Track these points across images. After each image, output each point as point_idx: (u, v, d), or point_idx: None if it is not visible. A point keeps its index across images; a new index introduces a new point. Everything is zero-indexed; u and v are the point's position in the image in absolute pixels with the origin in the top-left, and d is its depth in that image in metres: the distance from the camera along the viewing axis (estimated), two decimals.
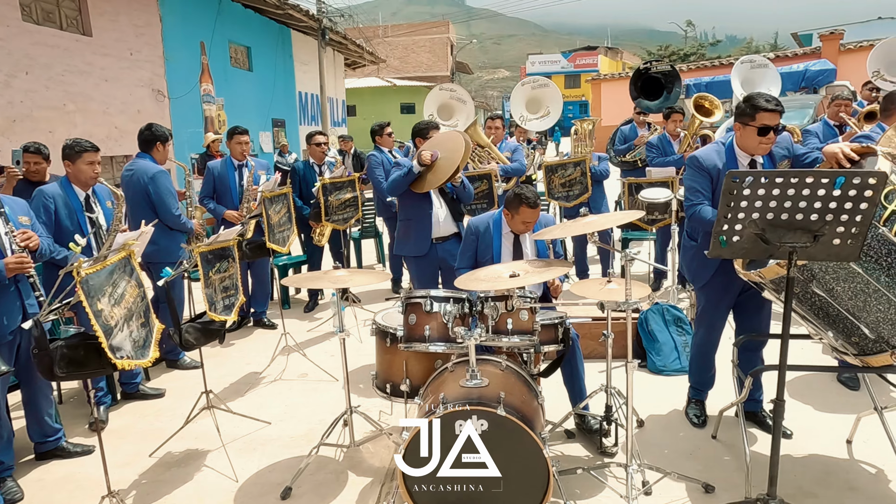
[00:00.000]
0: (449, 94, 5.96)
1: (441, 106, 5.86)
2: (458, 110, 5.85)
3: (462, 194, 4.14)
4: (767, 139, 2.81)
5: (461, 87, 6.35)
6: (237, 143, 4.95)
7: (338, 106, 18.99)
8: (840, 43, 17.17)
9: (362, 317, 5.22)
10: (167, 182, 4.15)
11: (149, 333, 2.67)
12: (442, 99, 5.94)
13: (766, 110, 2.76)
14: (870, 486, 2.72)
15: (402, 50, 39.37)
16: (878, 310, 2.28)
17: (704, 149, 3.09)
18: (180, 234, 4.20)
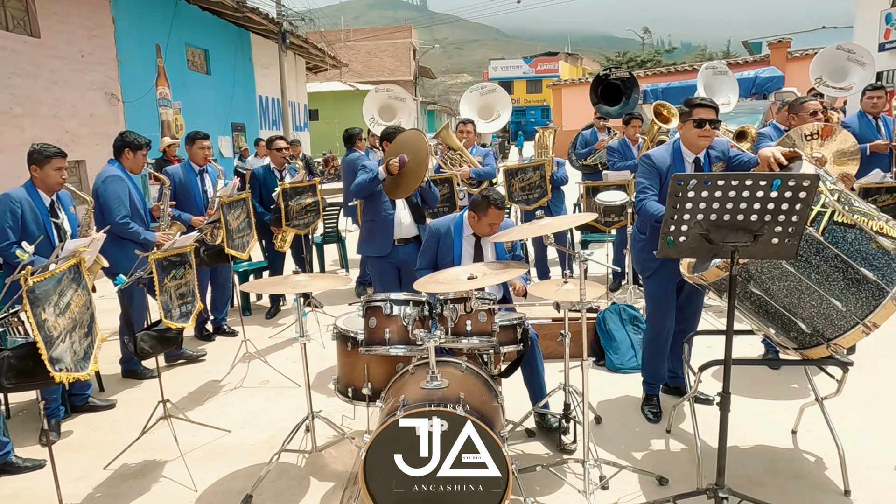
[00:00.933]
0: (387, 94, 6.00)
1: (382, 107, 5.90)
2: (399, 109, 5.90)
3: (428, 196, 4.16)
4: (704, 132, 3.06)
5: (398, 87, 6.39)
6: (199, 149, 4.86)
7: (300, 110, 18.80)
8: (787, 51, 17.91)
9: (325, 321, 5.19)
10: (116, 187, 4.06)
11: (90, 344, 2.60)
12: (381, 100, 5.98)
13: (700, 105, 3.06)
14: (814, 474, 2.86)
15: (364, 54, 39.26)
16: (811, 305, 2.41)
17: (657, 148, 3.30)
18: (132, 243, 4.09)
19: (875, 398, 3.52)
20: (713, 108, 3.08)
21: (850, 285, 2.34)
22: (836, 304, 2.35)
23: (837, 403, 3.25)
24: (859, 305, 2.34)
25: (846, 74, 7.33)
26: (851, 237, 2.34)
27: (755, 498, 2.56)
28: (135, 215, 4.14)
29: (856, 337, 2.38)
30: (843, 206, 2.36)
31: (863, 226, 2.35)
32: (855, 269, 2.32)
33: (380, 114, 5.95)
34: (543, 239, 2.76)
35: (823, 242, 2.33)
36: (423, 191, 4.11)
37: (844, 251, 2.33)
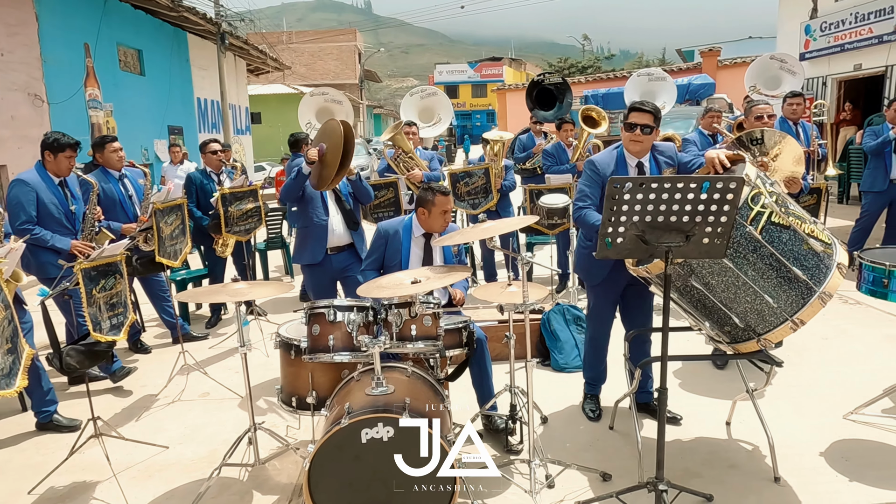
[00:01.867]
0: (323, 97, 5.93)
1: (319, 111, 5.82)
2: (337, 112, 5.83)
3: (360, 191, 4.03)
4: (634, 136, 3.08)
5: (333, 89, 6.33)
6: (111, 153, 4.58)
7: (241, 113, 18.32)
8: (718, 59, 18.78)
9: (269, 330, 5.06)
10: (18, 192, 3.84)
11: (16, 360, 2.44)
12: (317, 104, 5.90)
13: (633, 109, 3.09)
14: (747, 463, 2.99)
15: (308, 57, 38.68)
16: (746, 301, 2.53)
17: (601, 153, 3.29)
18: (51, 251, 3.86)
19: (800, 388, 3.72)
20: (648, 113, 3.06)
21: (782, 283, 2.46)
22: (768, 301, 2.47)
23: (767, 395, 3.42)
24: (789, 303, 2.46)
25: (779, 83, 7.76)
26: (786, 237, 2.46)
27: (693, 489, 2.66)
28: (49, 221, 3.89)
29: (784, 333, 2.50)
30: (780, 207, 2.48)
31: (796, 228, 2.48)
32: (787, 267, 2.44)
33: (317, 118, 5.85)
34: (487, 242, 2.78)
35: (761, 241, 2.44)
36: (354, 185, 4.00)
37: (779, 250, 2.44)
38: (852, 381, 3.73)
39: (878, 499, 2.65)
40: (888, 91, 10.13)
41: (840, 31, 11.16)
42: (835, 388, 3.67)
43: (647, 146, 3.14)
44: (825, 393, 3.63)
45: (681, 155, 3.28)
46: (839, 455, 2.99)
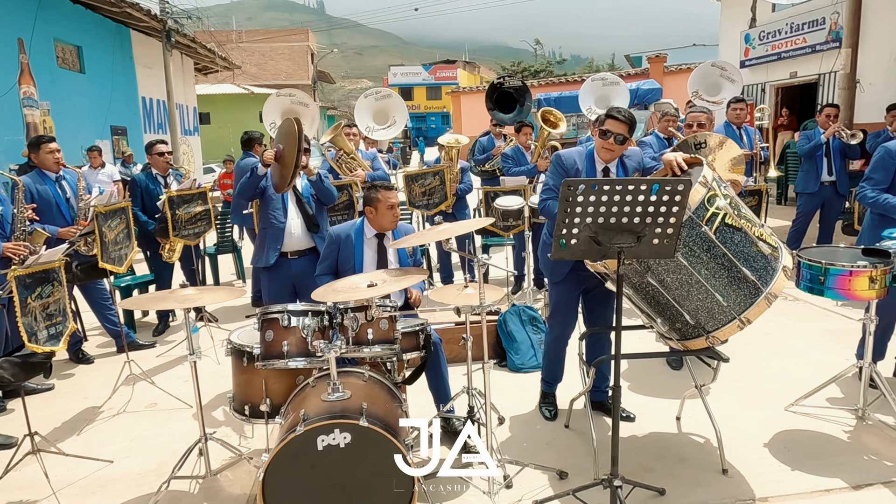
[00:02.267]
0: (289, 99, 5.82)
1: (284, 112, 5.71)
2: (303, 114, 5.73)
3: (321, 192, 3.95)
4: (607, 144, 3.09)
5: (300, 91, 6.22)
6: (46, 154, 4.35)
7: (188, 113, 17.77)
8: (664, 65, 19.40)
9: (220, 336, 4.92)
10: None
11: None
12: (283, 105, 5.79)
13: (610, 117, 3.09)
14: (697, 456, 3.08)
15: (259, 57, 37.89)
16: (698, 299, 2.60)
17: (569, 150, 3.31)
18: None
19: (745, 382, 3.87)
20: (624, 123, 3.05)
21: (732, 283, 2.55)
22: (718, 299, 2.55)
23: (714, 390, 3.54)
24: (738, 302, 2.56)
25: (719, 89, 8.09)
26: (738, 239, 2.55)
27: (646, 484, 2.72)
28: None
29: (731, 330, 2.59)
30: (733, 210, 2.57)
31: (747, 230, 2.57)
32: (738, 268, 2.53)
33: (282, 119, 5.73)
34: (443, 244, 2.78)
35: (715, 241, 2.52)
36: (316, 186, 3.94)
37: (731, 251, 2.53)
38: (793, 374, 3.90)
39: (819, 486, 2.78)
40: (821, 97, 10.69)
41: (777, 40, 11.71)
42: (777, 382, 3.83)
43: (617, 154, 3.17)
44: (768, 386, 3.78)
45: (646, 160, 3.32)
46: (782, 445, 3.12)
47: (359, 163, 5.52)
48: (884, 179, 3.53)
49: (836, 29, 10.25)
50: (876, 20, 9.47)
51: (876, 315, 3.18)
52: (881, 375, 3.26)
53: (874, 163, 3.61)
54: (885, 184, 3.54)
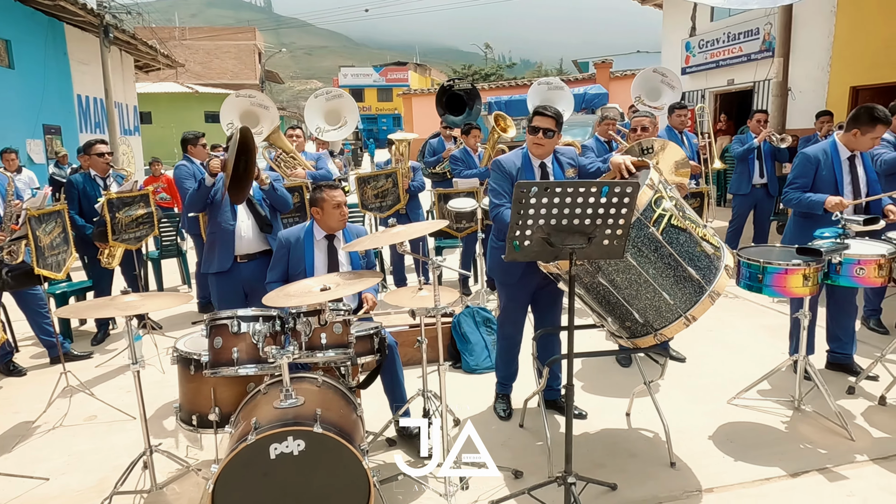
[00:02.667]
0: (249, 100, 5.67)
1: (243, 114, 5.55)
2: (262, 117, 5.60)
3: (276, 201, 3.87)
4: (536, 139, 3.18)
5: (261, 93, 6.08)
6: None
7: (128, 112, 17.07)
8: (610, 71, 19.96)
9: (164, 344, 4.74)
10: None
11: None
12: (242, 106, 5.63)
13: (537, 113, 3.18)
14: (647, 451, 3.17)
15: (203, 55, 36.82)
16: (646, 298, 2.68)
17: (507, 154, 3.37)
18: None
19: (691, 378, 4.01)
20: (550, 118, 3.16)
21: (678, 282, 2.64)
22: (666, 298, 2.63)
23: (662, 386, 3.65)
24: (684, 300, 2.65)
25: (660, 95, 8.39)
26: (683, 239, 2.64)
27: (598, 479, 2.78)
28: None
29: (678, 328, 2.68)
30: (679, 211, 2.66)
31: (692, 231, 2.67)
32: (683, 267, 2.62)
33: (240, 121, 5.55)
34: (397, 247, 2.76)
35: (661, 242, 2.60)
36: (269, 195, 3.86)
37: (677, 251, 2.62)
38: (734, 369, 4.07)
39: (759, 475, 2.91)
40: (756, 104, 11.22)
41: (715, 48, 12.22)
42: (720, 376, 3.99)
43: (549, 149, 3.25)
44: (712, 381, 3.93)
45: (580, 159, 3.43)
46: (725, 437, 3.25)
47: (299, 162, 5.43)
48: (805, 183, 3.74)
49: (769, 39, 10.78)
50: (805, 32, 10.03)
51: (809, 311, 3.36)
52: (814, 368, 3.45)
53: (795, 167, 3.81)
54: (806, 187, 3.75)
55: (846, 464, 2.97)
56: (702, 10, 12.48)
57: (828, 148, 3.75)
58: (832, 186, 3.69)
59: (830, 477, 2.87)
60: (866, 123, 3.59)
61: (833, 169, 3.70)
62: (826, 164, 3.71)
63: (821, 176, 3.70)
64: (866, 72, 9.02)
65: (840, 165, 3.71)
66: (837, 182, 3.69)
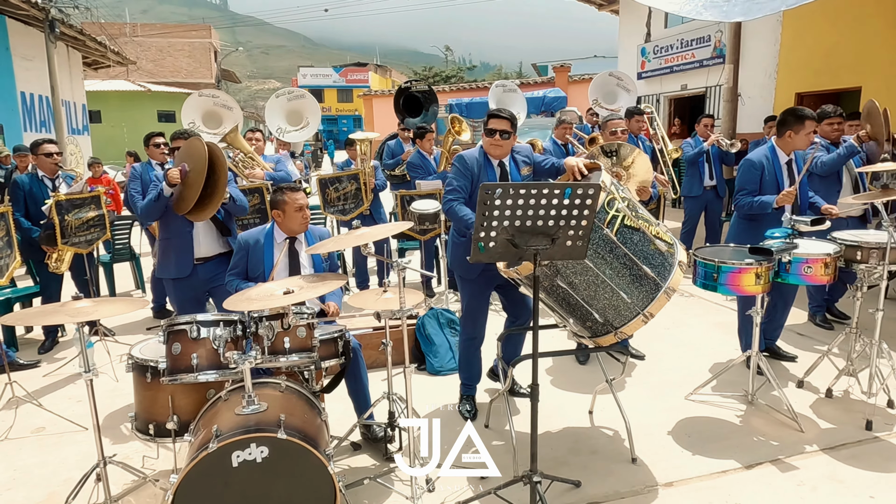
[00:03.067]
0: (212, 100, 5.54)
1: (205, 113, 5.42)
2: (225, 118, 5.48)
3: (234, 210, 3.83)
4: (494, 141, 3.26)
5: (224, 93, 5.95)
6: None
7: (76, 111, 16.42)
8: (568, 75, 20.29)
9: (118, 351, 4.57)
10: None
11: None
12: (205, 106, 5.50)
13: (492, 116, 3.27)
14: (609, 447, 3.23)
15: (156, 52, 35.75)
16: (605, 298, 2.74)
17: (470, 150, 3.41)
18: None
19: (650, 374, 4.11)
20: (505, 120, 3.25)
21: (634, 280, 2.70)
22: (623, 297, 2.69)
23: (623, 384, 3.73)
24: (641, 298, 2.71)
25: (616, 98, 8.61)
26: (637, 239, 2.70)
27: (562, 477, 2.82)
28: None
29: (637, 325, 2.74)
30: (631, 211, 2.72)
31: (645, 230, 2.73)
32: (639, 266, 2.68)
33: (203, 120, 5.40)
34: (361, 249, 2.74)
35: (616, 242, 2.65)
36: (227, 206, 3.76)
37: (631, 251, 2.68)
38: (691, 365, 4.20)
39: (716, 468, 3.00)
40: (708, 109, 11.59)
41: (669, 54, 12.57)
42: (678, 373, 4.10)
43: (506, 150, 3.33)
44: (670, 377, 4.04)
45: (535, 156, 3.50)
46: (683, 432, 3.35)
47: (257, 163, 5.34)
48: (753, 188, 3.89)
49: (720, 46, 11.16)
50: (753, 40, 10.42)
51: (761, 308, 3.48)
52: (766, 363, 3.58)
53: (741, 175, 3.96)
54: (755, 192, 3.90)
55: (796, 454, 3.09)
56: (656, 16, 12.83)
57: (767, 153, 3.92)
58: (775, 189, 3.85)
59: (782, 468, 2.99)
60: (795, 123, 3.77)
61: (774, 172, 3.87)
62: (769, 169, 3.87)
63: (765, 180, 3.87)
64: (810, 79, 9.44)
65: (780, 169, 3.89)
66: (779, 185, 3.86)
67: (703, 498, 2.77)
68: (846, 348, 3.75)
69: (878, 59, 8.22)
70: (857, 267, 3.39)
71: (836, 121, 4.85)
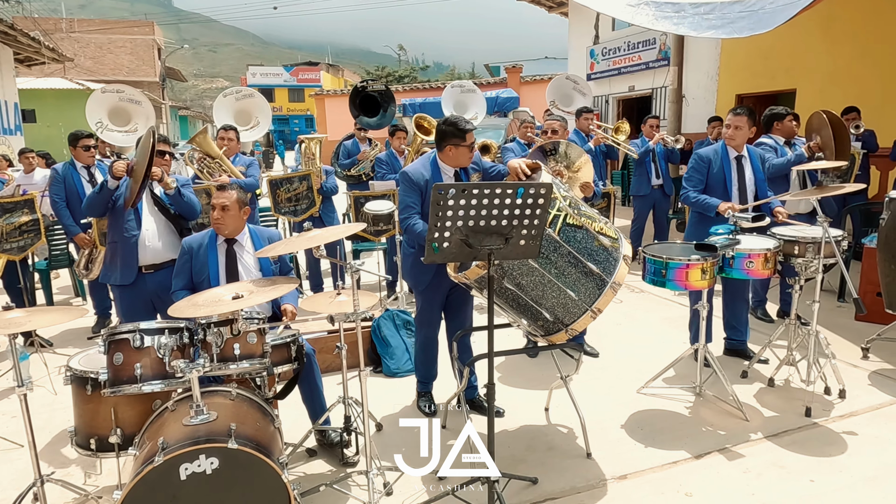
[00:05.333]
0: (117, 95, 5.29)
1: (112, 110, 5.18)
2: (135, 113, 5.25)
3: (181, 206, 3.63)
4: (470, 153, 3.24)
5: (131, 87, 5.72)
6: None
7: (8, 109, 15.57)
8: (521, 75, 20.53)
9: (56, 363, 4.34)
10: None
11: None
12: (110, 102, 5.25)
13: (470, 131, 3.20)
14: (564, 443, 3.28)
15: (95, 49, 34.28)
16: (553, 297, 2.77)
17: (413, 164, 3.36)
18: None
19: (603, 370, 4.19)
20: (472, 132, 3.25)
21: (580, 278, 2.74)
22: (570, 294, 2.73)
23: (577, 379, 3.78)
24: (588, 294, 2.75)
25: (572, 101, 8.79)
26: (580, 236, 2.74)
27: (519, 475, 2.84)
28: None
29: (586, 321, 2.79)
30: (573, 210, 2.76)
31: (588, 227, 2.78)
32: (584, 263, 2.72)
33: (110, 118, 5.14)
34: (314, 251, 2.69)
35: (559, 241, 2.68)
36: (175, 200, 3.62)
37: (575, 248, 2.71)
38: (641, 360, 4.30)
39: (667, 459, 3.08)
40: (654, 109, 11.94)
41: (617, 56, 12.89)
42: (629, 367, 4.20)
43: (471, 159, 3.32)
44: (622, 372, 4.13)
45: (483, 161, 3.49)
46: (636, 425, 3.43)
47: (226, 167, 5.16)
48: (700, 180, 4.04)
49: (665, 49, 11.51)
50: (695, 43, 10.79)
51: (707, 302, 3.60)
52: (713, 355, 3.71)
53: (690, 167, 4.12)
54: (701, 185, 4.05)
55: (742, 443, 3.21)
56: (604, 19, 13.12)
57: (718, 149, 4.07)
58: (721, 183, 3.99)
59: (729, 456, 3.10)
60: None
61: (722, 168, 4.01)
62: (717, 164, 4.01)
63: (712, 174, 4.01)
64: (749, 80, 9.85)
65: (729, 165, 4.03)
66: (726, 180, 4.00)
67: (655, 489, 2.84)
68: (786, 338, 3.92)
69: (811, 62, 8.65)
70: (795, 261, 3.54)
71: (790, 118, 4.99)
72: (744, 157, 4.07)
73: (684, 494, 2.80)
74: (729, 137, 4.00)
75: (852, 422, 3.41)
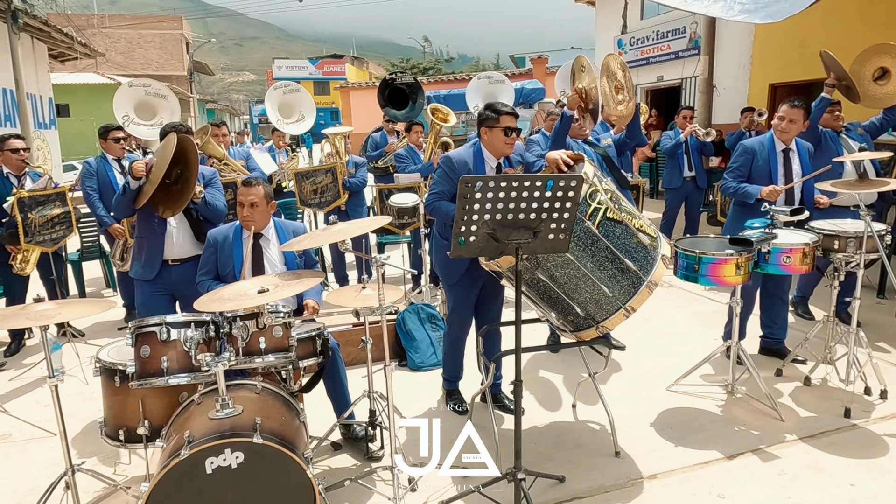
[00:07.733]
0: (144, 90, 5.35)
1: (138, 105, 5.24)
2: (160, 107, 5.31)
3: (208, 213, 3.61)
4: (511, 139, 3.15)
5: (157, 82, 5.78)
6: None
7: (43, 104, 15.92)
8: (546, 66, 20.29)
9: (88, 353, 4.42)
10: None
11: None
12: (137, 96, 5.31)
13: (507, 114, 3.11)
14: (592, 441, 3.21)
15: (125, 44, 34.91)
16: (586, 291, 2.70)
17: (458, 150, 3.28)
18: None
19: (632, 367, 4.11)
20: (516, 117, 3.16)
21: (616, 274, 2.66)
22: (605, 291, 2.66)
23: (605, 376, 3.71)
24: (622, 292, 2.68)
25: None
26: (619, 232, 2.67)
27: (546, 473, 2.79)
28: None
29: (619, 320, 2.71)
30: (614, 204, 2.68)
31: (628, 223, 2.70)
32: (621, 259, 2.65)
33: (136, 112, 5.20)
34: (339, 245, 2.66)
35: (598, 235, 2.61)
36: (201, 208, 3.58)
37: (613, 244, 2.64)
38: (672, 356, 4.20)
39: (698, 459, 3.00)
40: (684, 100, 11.67)
41: (645, 45, 12.62)
42: (659, 364, 4.10)
43: (514, 147, 3.23)
44: (651, 369, 4.04)
45: (527, 155, 3.40)
46: (666, 424, 3.34)
47: (232, 167, 5.19)
48: (742, 172, 3.92)
49: (695, 38, 11.23)
50: (727, 32, 10.50)
51: (741, 298, 3.49)
52: (746, 353, 3.60)
53: (735, 157, 4.00)
54: (743, 177, 3.92)
55: (777, 443, 3.11)
56: (632, 8, 12.86)
57: (765, 140, 3.94)
58: (766, 177, 3.86)
59: (763, 457, 3.00)
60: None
61: (768, 160, 3.88)
62: (762, 156, 3.88)
63: (756, 166, 3.88)
64: (783, 70, 9.54)
65: (775, 157, 3.89)
66: (772, 173, 3.87)
67: (686, 489, 2.77)
68: (824, 336, 3.78)
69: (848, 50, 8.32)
70: (835, 256, 3.40)
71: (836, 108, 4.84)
72: (791, 150, 3.92)
73: (717, 496, 2.71)
74: (782, 130, 3.86)
75: (895, 423, 3.28)
